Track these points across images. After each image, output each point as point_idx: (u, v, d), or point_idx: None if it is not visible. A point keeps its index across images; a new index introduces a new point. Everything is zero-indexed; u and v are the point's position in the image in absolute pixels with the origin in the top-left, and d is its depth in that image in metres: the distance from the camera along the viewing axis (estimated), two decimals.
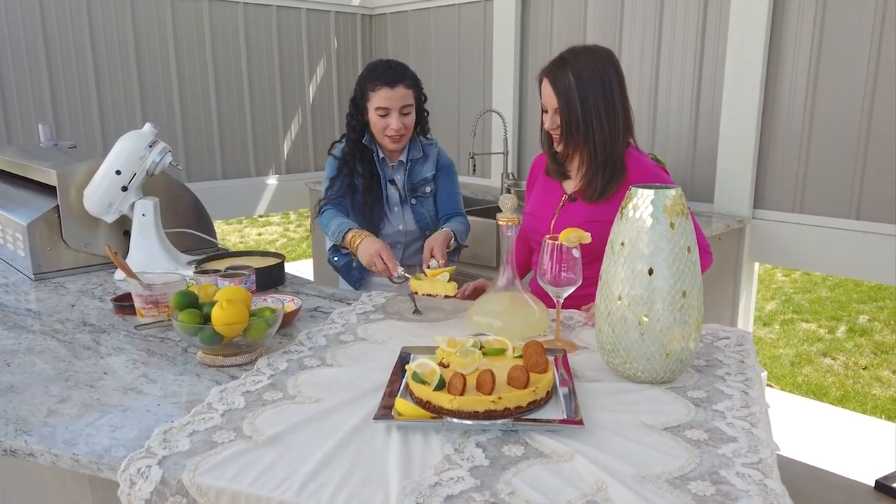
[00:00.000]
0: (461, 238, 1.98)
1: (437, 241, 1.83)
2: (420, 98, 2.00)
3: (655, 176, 1.63)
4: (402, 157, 2.04)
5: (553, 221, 1.71)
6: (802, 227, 2.73)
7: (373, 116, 1.94)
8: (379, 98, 1.90)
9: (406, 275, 1.68)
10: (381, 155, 2.02)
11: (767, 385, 3.71)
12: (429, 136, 2.12)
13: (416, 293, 1.56)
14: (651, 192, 1.12)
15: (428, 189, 2.08)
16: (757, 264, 3.01)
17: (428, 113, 2.07)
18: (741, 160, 2.81)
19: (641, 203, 1.12)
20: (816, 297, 5.60)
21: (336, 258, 2.03)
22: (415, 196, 2.06)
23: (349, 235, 1.84)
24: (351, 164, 2.00)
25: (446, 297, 1.54)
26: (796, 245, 2.76)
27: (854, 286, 5.73)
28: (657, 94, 3.09)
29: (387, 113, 1.91)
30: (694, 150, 3.01)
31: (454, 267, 1.66)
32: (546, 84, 1.63)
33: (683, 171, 3.05)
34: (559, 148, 1.68)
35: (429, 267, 1.72)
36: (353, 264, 2.01)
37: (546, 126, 1.68)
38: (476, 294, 1.72)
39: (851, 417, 3.36)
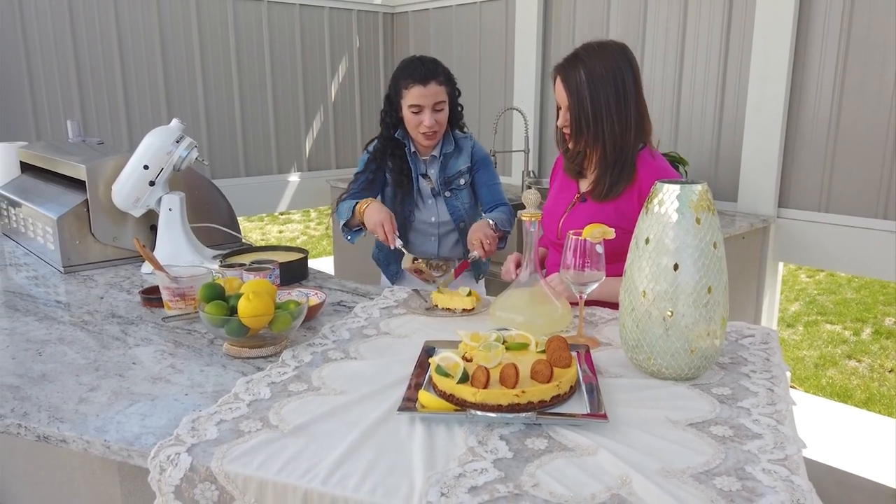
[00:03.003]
0: (503, 225, 1.97)
1: (477, 232, 1.86)
2: (454, 93, 2.02)
3: (664, 177, 1.61)
4: (435, 152, 2.05)
5: (562, 221, 1.71)
6: (828, 226, 2.70)
7: (406, 114, 1.96)
8: (412, 96, 1.92)
9: (404, 250, 1.79)
10: (413, 149, 2.04)
11: (791, 387, 3.66)
12: (465, 129, 2.13)
13: (437, 306, 1.57)
14: (677, 187, 1.11)
15: (462, 181, 2.09)
16: (781, 264, 2.97)
17: (462, 108, 2.08)
18: (766, 158, 2.78)
19: (667, 198, 1.11)
20: (841, 298, 5.52)
21: (350, 237, 2.04)
22: (449, 189, 2.07)
23: (357, 206, 1.88)
24: (380, 160, 2.03)
25: (464, 311, 1.55)
26: (822, 245, 2.73)
27: (880, 288, 5.63)
28: (681, 91, 3.07)
29: (420, 110, 1.93)
30: (718, 148, 2.98)
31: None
32: (559, 81, 1.63)
33: (707, 169, 3.02)
34: (570, 145, 1.67)
35: (479, 259, 1.86)
36: (392, 268, 2.04)
37: (558, 123, 1.67)
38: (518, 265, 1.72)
39: (876, 420, 3.31)
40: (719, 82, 2.93)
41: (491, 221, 1.90)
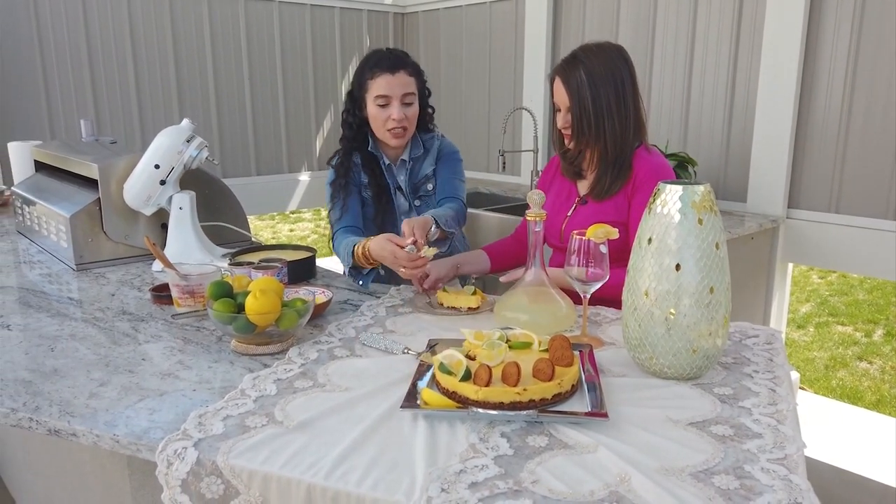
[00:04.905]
0: (445, 224, 1.73)
1: (416, 221, 1.61)
2: (423, 91, 1.86)
3: (660, 174, 1.62)
4: (405, 156, 1.90)
5: (564, 225, 1.72)
6: (838, 227, 2.68)
7: (372, 109, 1.80)
8: (378, 86, 1.76)
9: (415, 247, 1.52)
10: (387, 162, 1.89)
11: (801, 388, 3.65)
12: (433, 128, 1.97)
13: (442, 305, 1.58)
14: (679, 187, 1.12)
15: (430, 186, 1.93)
16: (791, 265, 2.96)
17: (433, 110, 1.93)
18: (775, 159, 2.77)
19: (670, 199, 1.12)
20: (853, 299, 5.48)
21: (361, 282, 1.72)
22: (417, 197, 1.93)
23: (357, 251, 1.63)
24: (347, 170, 1.85)
25: (469, 309, 1.56)
26: (832, 246, 2.72)
27: (893, 289, 5.59)
28: (690, 91, 3.06)
29: (387, 102, 1.77)
30: (727, 149, 2.98)
31: (436, 250, 1.56)
32: (558, 82, 1.64)
33: (716, 169, 3.01)
34: (570, 146, 1.68)
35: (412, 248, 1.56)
36: (381, 272, 1.78)
37: (558, 125, 1.68)
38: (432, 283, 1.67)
39: (886, 422, 3.29)
40: (729, 83, 2.93)
41: (433, 224, 1.68)
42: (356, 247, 1.65)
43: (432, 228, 1.67)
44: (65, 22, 3.23)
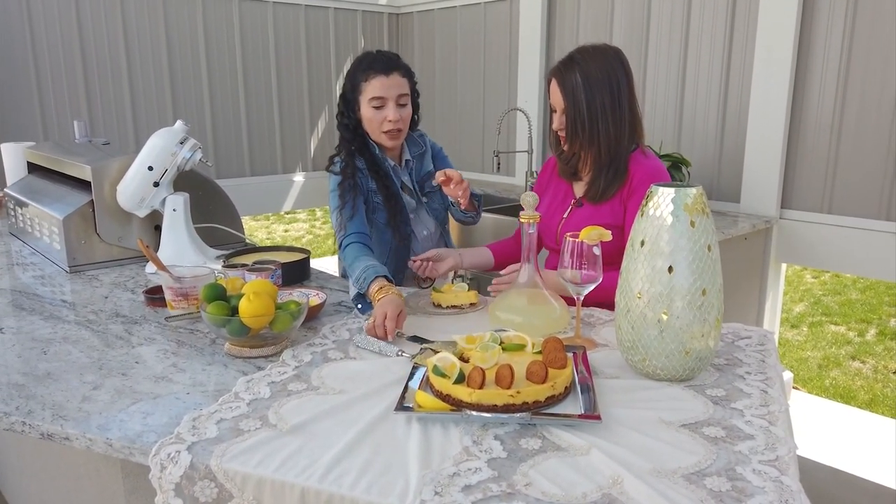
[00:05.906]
0: (473, 191, 1.85)
1: (453, 171, 1.68)
2: (415, 92, 1.87)
3: (656, 178, 1.62)
4: (408, 156, 1.92)
5: (560, 227, 1.73)
6: (831, 227, 2.70)
7: (366, 111, 1.79)
8: (373, 88, 1.76)
9: (400, 333, 1.42)
10: (392, 163, 1.89)
11: (794, 388, 3.66)
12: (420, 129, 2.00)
13: (440, 306, 1.58)
14: (672, 190, 1.12)
15: (435, 182, 1.92)
16: (784, 265, 2.98)
17: (418, 108, 1.92)
18: (769, 159, 2.78)
19: (662, 201, 1.13)
20: (846, 299, 5.51)
21: (361, 306, 1.58)
22: (425, 194, 1.94)
23: (373, 288, 1.52)
24: (353, 171, 1.82)
25: (471, 305, 1.57)
26: (825, 246, 2.73)
27: (886, 289, 5.62)
28: (684, 92, 3.07)
29: (382, 104, 1.77)
30: (721, 149, 2.99)
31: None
32: (554, 84, 1.64)
33: (710, 170, 3.02)
34: (565, 148, 1.69)
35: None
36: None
37: (554, 126, 1.69)
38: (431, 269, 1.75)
39: (879, 421, 3.30)
40: (722, 83, 2.94)
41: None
42: (375, 284, 1.53)
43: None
44: (58, 22, 3.21)
